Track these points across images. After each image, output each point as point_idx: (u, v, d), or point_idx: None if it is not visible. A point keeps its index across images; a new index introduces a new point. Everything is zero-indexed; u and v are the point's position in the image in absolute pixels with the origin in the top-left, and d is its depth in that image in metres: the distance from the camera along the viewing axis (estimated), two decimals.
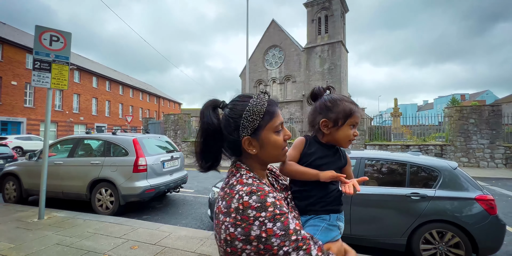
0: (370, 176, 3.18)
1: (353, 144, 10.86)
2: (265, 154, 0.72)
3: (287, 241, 0.57)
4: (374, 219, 2.86)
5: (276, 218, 0.58)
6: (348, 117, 0.87)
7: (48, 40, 4.27)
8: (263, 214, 0.58)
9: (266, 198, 0.60)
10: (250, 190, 0.62)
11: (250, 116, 0.68)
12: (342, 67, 26.00)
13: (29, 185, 4.75)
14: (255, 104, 0.69)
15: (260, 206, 0.59)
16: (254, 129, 0.69)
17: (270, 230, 0.57)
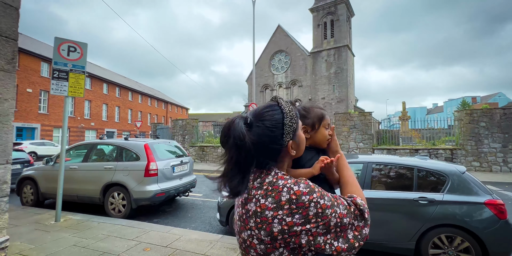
0: (378, 181, 3.20)
1: (360, 148, 10.79)
2: (298, 151, 0.81)
3: (335, 207, 0.69)
4: (382, 224, 2.87)
5: (322, 194, 0.69)
6: (322, 120, 1.03)
7: (66, 51, 4.49)
8: (315, 195, 0.67)
9: (309, 183, 0.70)
10: (295, 181, 0.70)
11: (290, 121, 0.74)
12: (348, 71, 25.97)
13: (45, 189, 4.94)
14: (289, 110, 0.76)
15: (310, 190, 0.68)
16: (294, 132, 0.76)
17: (324, 205, 0.67)
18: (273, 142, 0.72)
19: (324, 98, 26.40)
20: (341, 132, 11.14)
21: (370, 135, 10.86)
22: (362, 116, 11.04)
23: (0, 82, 2.56)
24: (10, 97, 2.62)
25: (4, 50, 2.63)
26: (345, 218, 0.69)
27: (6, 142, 2.52)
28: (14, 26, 2.75)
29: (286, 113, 0.75)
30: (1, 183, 2.42)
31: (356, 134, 10.98)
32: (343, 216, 0.69)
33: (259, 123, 0.73)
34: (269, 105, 0.78)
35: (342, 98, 25.57)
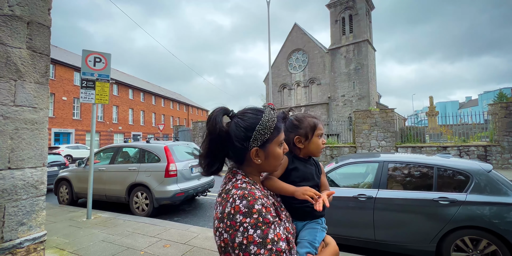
0: (395, 180, 3.10)
1: (382, 147, 10.37)
2: (267, 164, 0.79)
3: (263, 249, 0.60)
4: (400, 224, 2.78)
5: (258, 225, 0.62)
6: (315, 130, 1.05)
7: (93, 62, 4.87)
8: (248, 220, 0.62)
9: (254, 204, 0.65)
10: (243, 194, 0.67)
11: (262, 129, 0.74)
12: (369, 66, 25.01)
13: (78, 189, 5.39)
14: (268, 119, 0.75)
15: (247, 212, 0.63)
16: (264, 141, 0.75)
17: (251, 237, 0.61)
18: (238, 141, 0.74)
19: (344, 96, 25.66)
20: (362, 130, 10.78)
21: (392, 132, 10.39)
22: (383, 113, 10.60)
23: (36, 94, 2.86)
24: (45, 107, 2.92)
25: (39, 65, 2.94)
26: None
27: (42, 147, 2.81)
28: (47, 43, 3.06)
29: (263, 121, 0.75)
30: (39, 184, 2.71)
31: (377, 132, 10.56)
32: None
33: (237, 119, 0.77)
34: (256, 109, 0.80)
35: (363, 95, 24.67)
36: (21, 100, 2.70)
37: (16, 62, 2.72)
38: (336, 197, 3.04)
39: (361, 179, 3.48)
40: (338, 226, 3.04)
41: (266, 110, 0.78)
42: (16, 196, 2.53)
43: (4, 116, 2.55)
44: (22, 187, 2.57)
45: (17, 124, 2.63)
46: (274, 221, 0.66)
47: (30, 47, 2.87)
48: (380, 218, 2.82)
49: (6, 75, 2.62)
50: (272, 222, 0.66)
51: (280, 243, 0.64)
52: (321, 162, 11.17)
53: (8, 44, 2.67)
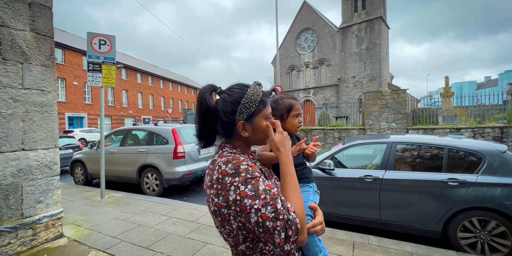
0: (403, 161, 3.05)
1: (392, 129, 10.17)
2: (255, 137, 0.82)
3: (257, 199, 0.66)
4: (406, 205, 2.78)
5: (247, 181, 0.67)
6: (290, 110, 1.14)
7: (98, 44, 4.80)
8: (237, 179, 0.67)
9: (239, 165, 0.70)
10: (226, 160, 0.72)
11: (247, 103, 0.77)
12: (382, 45, 23.80)
13: (92, 170, 5.62)
14: (253, 93, 0.78)
15: (235, 172, 0.68)
16: (250, 114, 0.78)
17: (243, 192, 0.66)
18: (226, 115, 0.78)
19: (355, 77, 24.83)
20: (372, 112, 10.53)
21: (404, 114, 10.10)
22: (395, 94, 10.24)
23: (43, 77, 2.88)
24: (52, 90, 2.95)
25: (44, 47, 2.92)
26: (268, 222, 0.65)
27: (53, 129, 2.88)
28: (50, 25, 3.01)
29: (248, 95, 0.78)
30: (52, 164, 2.82)
31: (388, 114, 10.30)
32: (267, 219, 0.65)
33: (224, 94, 0.81)
34: (242, 84, 0.83)
35: (375, 76, 23.78)
36: (29, 83, 2.73)
37: (21, 45, 2.71)
38: (342, 178, 3.04)
39: (368, 161, 3.44)
40: (343, 206, 3.07)
41: (251, 85, 0.82)
42: (32, 175, 2.65)
43: (14, 99, 2.59)
44: (36, 167, 2.69)
45: (27, 106, 2.69)
46: (260, 175, 0.72)
47: (33, 29, 2.84)
48: (386, 198, 2.82)
49: (13, 58, 2.63)
50: (260, 176, 0.71)
51: (273, 190, 0.69)
52: (329, 144, 11.14)
53: (12, 27, 2.64)
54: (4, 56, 2.53)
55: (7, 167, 2.46)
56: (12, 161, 2.50)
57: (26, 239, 2.52)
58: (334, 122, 12.21)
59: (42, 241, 2.64)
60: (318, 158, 3.38)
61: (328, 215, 3.12)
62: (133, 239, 2.70)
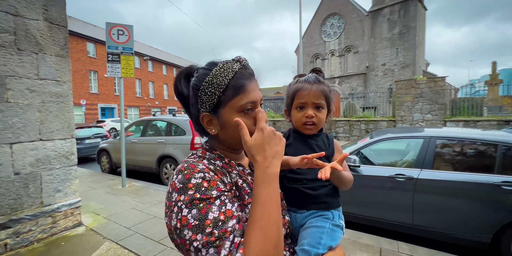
0: (443, 159, 2.63)
1: (427, 121, 9.28)
2: (227, 136, 0.60)
3: (200, 233, 0.45)
4: (446, 210, 2.39)
5: (193, 203, 0.47)
6: (293, 99, 0.81)
7: (116, 35, 4.79)
8: (182, 197, 0.48)
9: (191, 177, 0.50)
10: (181, 167, 0.53)
11: (207, 88, 0.56)
12: (417, 29, 21.69)
13: (116, 159, 5.81)
14: (216, 74, 0.55)
15: (182, 188, 0.49)
16: (213, 105, 0.57)
17: (184, 218, 0.47)
18: (192, 105, 0.60)
19: (385, 64, 23.11)
20: (403, 102, 9.67)
21: (441, 104, 9.13)
22: (431, 82, 9.25)
23: (58, 67, 2.87)
24: (68, 80, 2.94)
25: (58, 37, 2.89)
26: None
27: (69, 119, 2.90)
28: (63, 14, 2.97)
29: (209, 77, 0.56)
30: (69, 154, 2.85)
31: (422, 104, 9.38)
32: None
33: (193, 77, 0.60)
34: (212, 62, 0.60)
35: (408, 63, 21.92)
36: (44, 73, 2.72)
37: (35, 35, 2.68)
38: (369, 176, 2.72)
39: (400, 157, 3.05)
40: (369, 207, 2.76)
41: (221, 62, 0.58)
42: (50, 165, 2.68)
43: (30, 89, 2.60)
44: (54, 157, 2.72)
45: (43, 97, 2.70)
46: (220, 195, 0.50)
47: (47, 18, 2.80)
48: (421, 201, 2.46)
49: (27, 49, 2.61)
50: (217, 197, 0.49)
51: (228, 223, 0.47)
52: (355, 137, 10.51)
53: (26, 16, 2.61)
54: (19, 46, 2.52)
55: (26, 156, 2.50)
56: (30, 151, 2.54)
57: (46, 227, 2.60)
58: (361, 113, 11.47)
59: (62, 229, 2.71)
60: None
61: (351, 216, 2.84)
62: (146, 232, 2.67)
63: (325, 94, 0.79)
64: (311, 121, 0.77)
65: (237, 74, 0.56)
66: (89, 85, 23.31)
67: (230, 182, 0.57)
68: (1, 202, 2.33)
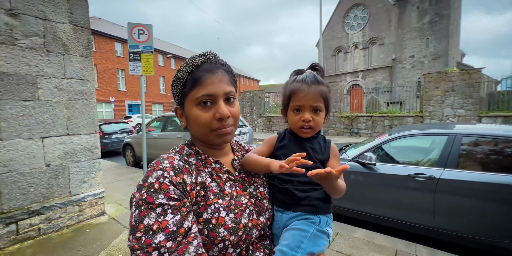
0: (470, 158, 2.43)
1: (459, 117, 8.60)
2: (192, 130, 0.63)
3: (131, 235, 0.46)
4: (474, 213, 2.21)
5: (139, 204, 0.48)
6: (289, 100, 0.76)
7: (137, 34, 4.99)
8: (137, 195, 0.49)
9: (149, 176, 0.50)
10: (152, 168, 0.53)
11: (174, 82, 0.61)
12: (452, 17, 19.97)
13: (139, 153, 6.13)
14: (180, 69, 0.59)
15: (140, 185, 0.50)
16: (179, 98, 0.62)
17: (131, 216, 0.48)
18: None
19: (413, 56, 21.67)
20: (433, 97, 9.03)
21: (476, 99, 8.39)
22: (465, 74, 8.52)
23: (83, 66, 3.06)
24: (91, 79, 3.13)
25: (82, 38, 3.07)
26: None
27: (92, 115, 3.09)
28: (86, 16, 3.14)
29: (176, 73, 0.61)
30: (93, 148, 3.05)
31: (454, 98, 8.70)
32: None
33: None
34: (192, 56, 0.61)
35: (440, 54, 20.34)
36: (70, 72, 2.92)
37: (61, 37, 2.88)
38: (386, 174, 2.60)
39: (421, 155, 2.87)
40: (384, 207, 2.64)
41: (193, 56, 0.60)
42: (77, 158, 2.90)
43: (58, 88, 2.81)
44: (80, 151, 2.93)
45: (69, 95, 2.90)
46: (164, 204, 0.48)
47: (72, 21, 2.99)
48: (443, 202, 2.30)
49: (55, 50, 2.82)
50: (160, 204, 0.47)
51: (157, 236, 0.45)
52: (377, 133, 10.05)
53: (53, 20, 2.80)
54: (48, 48, 2.72)
55: (55, 150, 2.72)
56: (59, 145, 2.76)
57: (74, 214, 2.83)
58: (385, 109, 10.93)
59: (87, 217, 2.94)
60: (358, 150, 2.95)
61: (366, 216, 2.74)
62: None
63: (324, 96, 0.74)
64: (307, 125, 0.74)
65: (198, 68, 0.58)
66: (117, 83, 24.65)
67: (193, 182, 0.55)
68: (35, 191, 2.58)
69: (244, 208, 0.60)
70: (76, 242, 2.42)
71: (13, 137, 2.42)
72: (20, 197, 2.46)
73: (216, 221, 0.55)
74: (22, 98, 2.49)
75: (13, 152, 2.42)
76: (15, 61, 2.44)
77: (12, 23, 2.41)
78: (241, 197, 0.62)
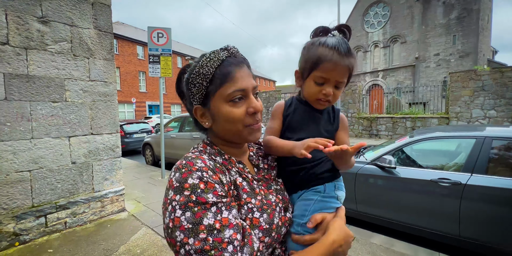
0: (501, 163, 2.26)
1: (490, 118, 8.03)
2: (220, 129, 0.59)
3: (192, 238, 0.43)
4: (503, 223, 2.05)
5: (188, 206, 0.45)
6: (313, 68, 0.65)
7: (156, 37, 5.17)
8: (177, 197, 0.46)
9: (188, 177, 0.47)
10: (180, 164, 0.51)
11: (195, 79, 0.56)
12: (481, 12, 18.72)
13: (158, 152, 6.32)
14: (203, 64, 0.55)
15: (178, 187, 0.47)
16: (203, 96, 0.57)
17: (177, 220, 0.45)
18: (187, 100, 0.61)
19: (439, 54, 20.56)
20: (460, 97, 8.51)
21: (509, 99, 7.80)
22: (497, 72, 7.94)
23: (106, 69, 3.22)
24: (113, 81, 3.28)
25: (105, 42, 3.23)
26: None
27: (114, 116, 3.24)
28: (109, 21, 3.30)
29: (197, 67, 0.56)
30: (115, 147, 3.19)
31: (484, 99, 8.14)
32: None
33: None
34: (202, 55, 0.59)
35: (468, 52, 19.13)
36: (94, 75, 3.08)
37: (87, 42, 3.04)
38: (406, 179, 2.48)
39: (445, 159, 2.72)
40: (405, 212, 2.52)
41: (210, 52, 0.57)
42: (99, 156, 3.04)
43: (83, 90, 2.97)
44: (103, 150, 3.08)
45: (93, 96, 3.06)
46: (217, 202, 0.47)
47: (96, 26, 3.15)
48: (470, 210, 2.15)
49: (81, 54, 2.98)
50: (213, 203, 0.47)
51: (224, 232, 0.45)
52: (398, 135, 9.64)
53: (79, 26, 2.97)
54: (74, 52, 2.89)
55: (80, 148, 2.88)
56: (84, 144, 2.91)
57: (96, 210, 2.97)
58: (407, 110, 10.46)
59: (109, 213, 3.07)
60: (377, 153, 2.85)
61: (384, 221, 2.63)
62: None
63: (351, 70, 0.66)
64: (327, 99, 0.67)
65: (224, 62, 0.55)
66: (138, 84, 25.67)
67: (229, 181, 0.54)
68: (62, 186, 2.74)
69: (275, 207, 0.59)
70: (98, 236, 2.54)
71: (43, 136, 2.59)
72: (49, 192, 2.63)
73: (250, 222, 0.53)
74: (52, 100, 2.66)
75: (43, 150, 2.59)
76: (46, 65, 2.62)
77: (43, 29, 2.59)
78: (269, 196, 0.61)
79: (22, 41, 2.46)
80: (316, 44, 0.65)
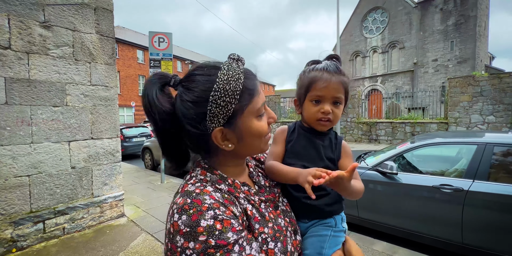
0: (504, 170, 2.25)
1: (489, 123, 8.07)
2: (244, 147, 0.53)
3: None
4: (506, 230, 2.04)
5: (208, 252, 0.40)
6: (308, 90, 0.68)
7: (157, 42, 5.20)
8: (191, 245, 0.40)
9: (199, 219, 0.41)
10: (183, 205, 0.43)
11: (221, 98, 0.46)
12: (479, 18, 19.01)
13: (157, 156, 6.29)
14: (227, 79, 0.46)
15: (189, 232, 0.41)
16: (229, 116, 0.48)
17: None
18: (190, 123, 0.48)
19: (437, 60, 20.77)
20: (458, 102, 8.57)
21: (508, 104, 7.85)
22: (495, 78, 8.02)
23: (107, 74, 3.22)
24: (114, 85, 3.28)
25: (107, 47, 3.25)
26: None
27: (115, 120, 3.22)
28: (111, 26, 3.33)
29: (219, 83, 0.46)
30: (115, 152, 3.17)
31: (483, 104, 8.19)
32: None
33: (181, 89, 0.50)
34: (209, 65, 0.50)
35: (466, 57, 19.34)
36: (95, 80, 3.08)
37: (88, 46, 3.05)
38: (408, 185, 2.47)
39: (447, 165, 2.71)
40: (406, 219, 2.50)
41: (224, 63, 0.49)
42: (99, 161, 3.02)
43: (84, 94, 2.97)
44: (103, 154, 3.05)
45: (94, 101, 3.05)
46: (238, 239, 0.43)
47: (98, 31, 3.16)
48: (472, 217, 2.14)
49: (83, 59, 2.99)
50: (235, 242, 0.42)
51: None
52: (398, 140, 9.65)
53: (82, 31, 2.99)
54: (76, 57, 2.89)
55: (80, 153, 2.86)
56: (84, 148, 2.89)
57: (95, 215, 2.93)
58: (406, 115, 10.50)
59: (108, 218, 3.03)
60: (378, 158, 2.84)
61: (386, 227, 2.61)
62: None
63: (345, 87, 0.69)
64: (327, 117, 0.68)
65: (245, 74, 0.50)
66: (138, 88, 25.71)
67: (240, 211, 0.49)
68: (61, 192, 2.71)
69: (285, 232, 0.56)
70: (97, 243, 2.50)
71: (43, 140, 2.58)
72: (47, 197, 2.60)
73: (266, 254, 0.49)
74: (52, 104, 2.65)
75: (43, 155, 2.57)
76: (47, 69, 2.62)
77: (45, 34, 2.60)
78: (278, 220, 0.57)
79: (24, 46, 2.46)
80: (307, 71, 0.71)
